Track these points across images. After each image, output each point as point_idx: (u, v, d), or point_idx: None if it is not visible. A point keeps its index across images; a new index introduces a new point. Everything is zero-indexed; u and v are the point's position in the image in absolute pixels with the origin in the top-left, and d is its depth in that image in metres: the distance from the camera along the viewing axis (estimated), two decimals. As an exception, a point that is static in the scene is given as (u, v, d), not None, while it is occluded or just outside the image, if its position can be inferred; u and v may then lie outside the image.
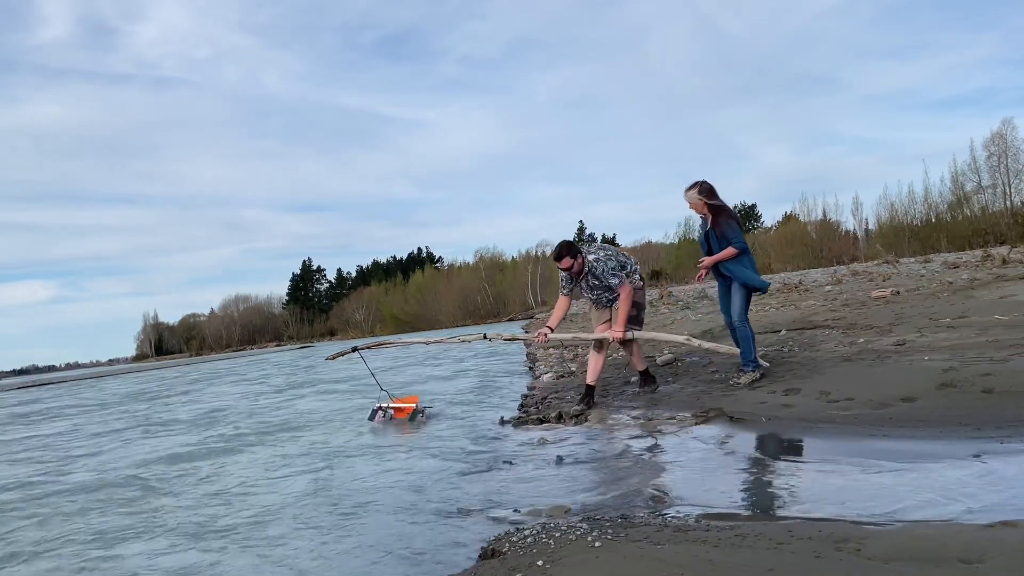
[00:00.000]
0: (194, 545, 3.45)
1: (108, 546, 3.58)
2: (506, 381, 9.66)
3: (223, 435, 7.15)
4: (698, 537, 2.59)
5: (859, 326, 7.50)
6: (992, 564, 2.10)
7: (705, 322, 10.53)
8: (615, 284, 5.74)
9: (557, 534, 2.78)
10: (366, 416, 7.06)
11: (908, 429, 4.00)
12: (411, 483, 4.25)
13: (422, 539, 3.19)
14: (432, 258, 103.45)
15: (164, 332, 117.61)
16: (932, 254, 31.38)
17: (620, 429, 5.07)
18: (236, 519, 3.83)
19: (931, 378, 4.72)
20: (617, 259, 5.83)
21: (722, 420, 4.79)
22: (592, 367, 6.05)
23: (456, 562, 2.86)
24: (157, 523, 3.92)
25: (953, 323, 6.61)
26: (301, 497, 4.16)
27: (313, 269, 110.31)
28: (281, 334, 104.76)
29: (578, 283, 5.90)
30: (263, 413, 8.94)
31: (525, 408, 6.70)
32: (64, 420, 11.75)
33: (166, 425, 8.82)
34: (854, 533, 2.48)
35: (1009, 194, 43.62)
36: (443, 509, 3.62)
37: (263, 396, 11.86)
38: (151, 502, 4.46)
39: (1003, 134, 43.73)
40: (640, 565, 2.34)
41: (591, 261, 5.75)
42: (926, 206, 48.69)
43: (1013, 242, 25.82)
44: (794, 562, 2.26)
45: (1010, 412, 3.90)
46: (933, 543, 2.30)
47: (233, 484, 4.74)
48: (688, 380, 6.38)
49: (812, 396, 4.95)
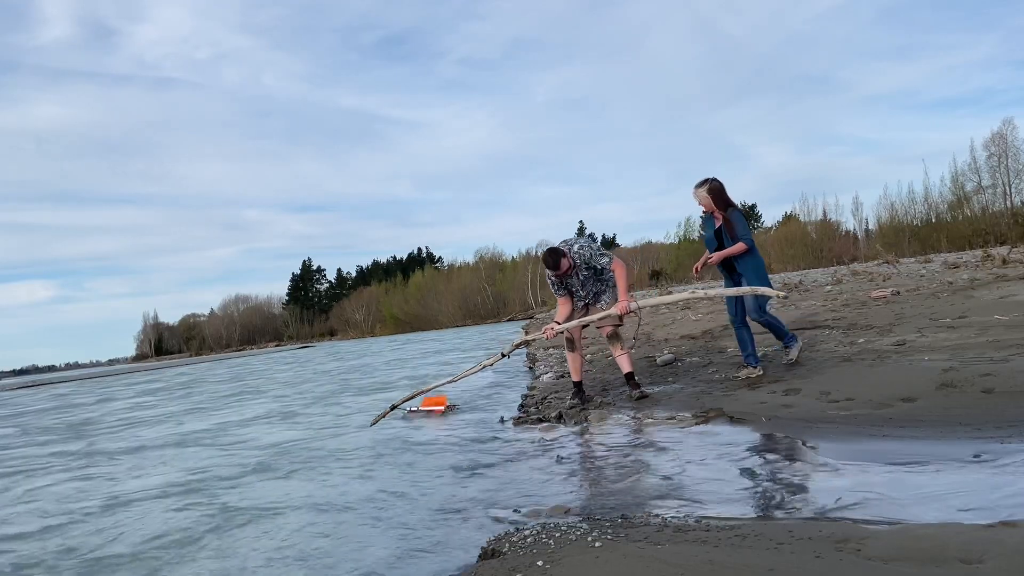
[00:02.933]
0: (191, 547, 3.45)
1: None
2: (506, 381, 9.66)
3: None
4: (698, 537, 2.59)
5: (859, 326, 7.50)
6: (992, 564, 2.10)
7: (705, 322, 10.53)
8: (607, 263, 5.73)
9: (557, 534, 2.78)
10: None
11: (908, 429, 4.00)
12: (410, 483, 4.25)
13: (421, 539, 3.19)
14: (432, 258, 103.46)
15: (164, 332, 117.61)
16: (932, 254, 31.38)
17: (620, 429, 5.07)
18: (236, 518, 3.83)
19: (931, 378, 4.72)
20: (596, 246, 5.87)
21: (722, 420, 4.79)
22: (573, 366, 6.11)
23: (456, 562, 2.86)
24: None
25: (953, 323, 6.61)
26: (299, 498, 4.16)
27: (313, 269, 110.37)
28: (281, 334, 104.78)
29: (568, 281, 5.85)
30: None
31: (525, 408, 6.70)
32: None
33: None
34: (854, 533, 2.48)
35: (1009, 194, 43.63)
36: (442, 509, 3.62)
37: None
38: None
39: (1003, 134, 43.75)
40: (640, 565, 2.34)
41: (576, 251, 5.75)
42: (926, 206, 48.71)
43: (1013, 242, 25.81)
44: (794, 562, 2.26)
45: (1010, 412, 3.90)
46: (933, 543, 2.30)
47: (234, 484, 4.75)
48: (688, 380, 6.38)
49: (812, 396, 4.95)
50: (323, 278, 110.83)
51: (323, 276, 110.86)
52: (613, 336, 5.85)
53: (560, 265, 5.69)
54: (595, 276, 5.83)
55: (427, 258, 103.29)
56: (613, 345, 5.96)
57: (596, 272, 5.81)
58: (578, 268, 5.77)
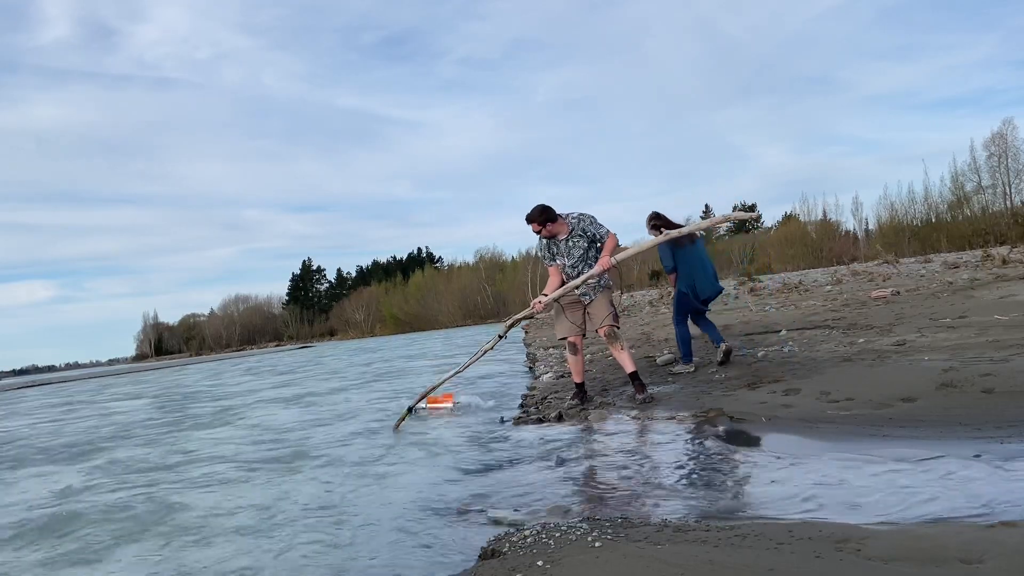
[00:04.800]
0: (195, 543, 3.45)
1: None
2: (506, 381, 9.66)
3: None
4: (698, 537, 2.59)
5: (859, 326, 7.50)
6: (992, 564, 2.10)
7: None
8: (604, 233, 5.75)
9: (557, 534, 2.78)
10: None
11: (908, 429, 4.00)
12: (410, 483, 4.25)
13: (421, 539, 3.19)
14: (432, 258, 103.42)
15: (164, 332, 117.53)
16: (932, 254, 31.38)
17: (620, 429, 5.07)
18: (235, 518, 3.83)
19: (931, 378, 4.72)
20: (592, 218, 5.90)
21: (722, 420, 4.79)
22: (574, 368, 6.12)
23: (456, 562, 2.86)
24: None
25: (953, 323, 6.61)
26: (298, 499, 4.16)
27: (313, 269, 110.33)
28: (281, 334, 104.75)
29: (557, 248, 5.82)
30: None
31: (525, 408, 6.70)
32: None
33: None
34: (854, 533, 2.48)
35: (1009, 194, 43.62)
36: (442, 509, 3.62)
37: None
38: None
39: (1003, 134, 43.73)
40: (640, 565, 2.34)
41: (574, 220, 5.77)
42: (926, 206, 48.65)
43: (1013, 242, 25.83)
44: (794, 562, 2.26)
45: (1010, 412, 3.91)
46: (933, 543, 2.30)
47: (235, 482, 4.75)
48: (688, 380, 6.38)
49: (812, 396, 4.95)
50: (323, 278, 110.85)
51: (323, 276, 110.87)
52: (611, 336, 5.81)
53: (541, 219, 5.66)
54: (587, 251, 5.78)
55: (427, 258, 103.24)
56: (612, 344, 5.88)
57: (591, 241, 5.78)
58: (573, 232, 5.77)
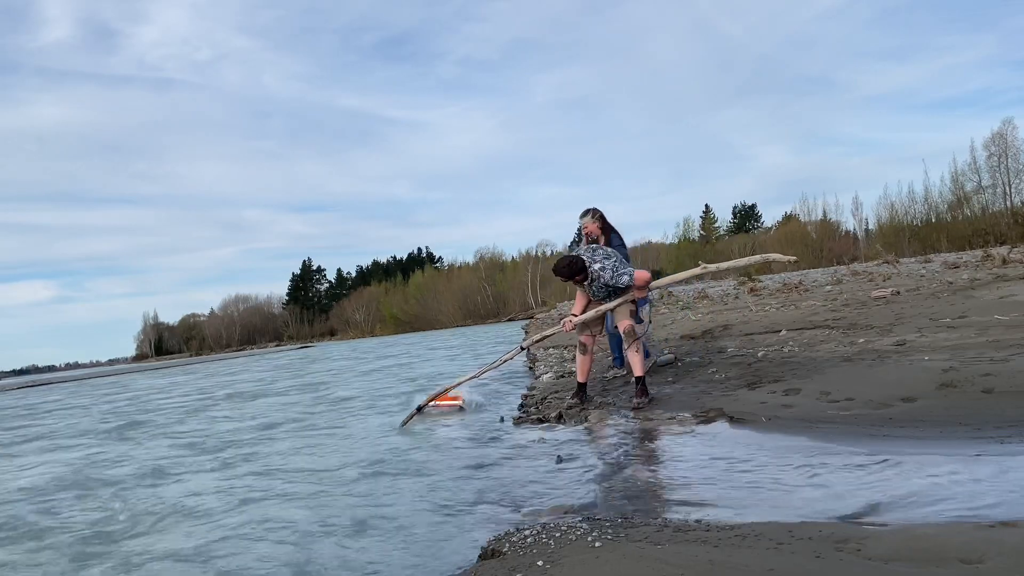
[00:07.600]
0: (193, 542, 3.45)
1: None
2: (506, 381, 9.66)
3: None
4: (698, 537, 2.59)
5: (859, 326, 7.50)
6: (992, 564, 2.10)
7: (705, 322, 10.53)
8: (627, 281, 5.65)
9: (557, 534, 2.78)
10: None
11: (908, 429, 4.00)
12: (409, 483, 4.25)
13: (421, 539, 3.19)
14: (432, 258, 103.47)
15: (164, 332, 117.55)
16: (932, 254, 31.36)
17: (620, 429, 5.07)
18: (234, 517, 3.83)
19: (931, 378, 4.72)
20: (615, 257, 5.79)
21: (722, 420, 4.79)
22: (581, 367, 6.11)
23: (456, 562, 2.86)
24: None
25: (953, 323, 6.61)
26: (295, 500, 4.16)
27: (313, 269, 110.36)
28: (281, 334, 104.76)
29: (582, 285, 5.85)
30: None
31: (525, 408, 6.70)
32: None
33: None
34: (854, 533, 2.47)
35: (1009, 194, 43.68)
36: (442, 509, 3.62)
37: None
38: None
39: (1003, 134, 43.79)
40: (640, 565, 2.34)
41: (596, 271, 5.67)
42: (926, 206, 48.71)
43: (1013, 242, 25.80)
44: (794, 562, 2.26)
45: (1010, 412, 3.90)
46: (933, 543, 2.30)
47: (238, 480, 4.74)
48: (688, 380, 6.38)
49: (812, 396, 4.95)
50: (323, 278, 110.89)
51: (323, 276, 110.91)
52: (629, 332, 5.79)
53: (568, 274, 5.68)
54: (612, 290, 5.79)
55: (427, 258, 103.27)
56: (628, 341, 5.85)
57: (615, 288, 5.77)
58: (595, 282, 5.74)
